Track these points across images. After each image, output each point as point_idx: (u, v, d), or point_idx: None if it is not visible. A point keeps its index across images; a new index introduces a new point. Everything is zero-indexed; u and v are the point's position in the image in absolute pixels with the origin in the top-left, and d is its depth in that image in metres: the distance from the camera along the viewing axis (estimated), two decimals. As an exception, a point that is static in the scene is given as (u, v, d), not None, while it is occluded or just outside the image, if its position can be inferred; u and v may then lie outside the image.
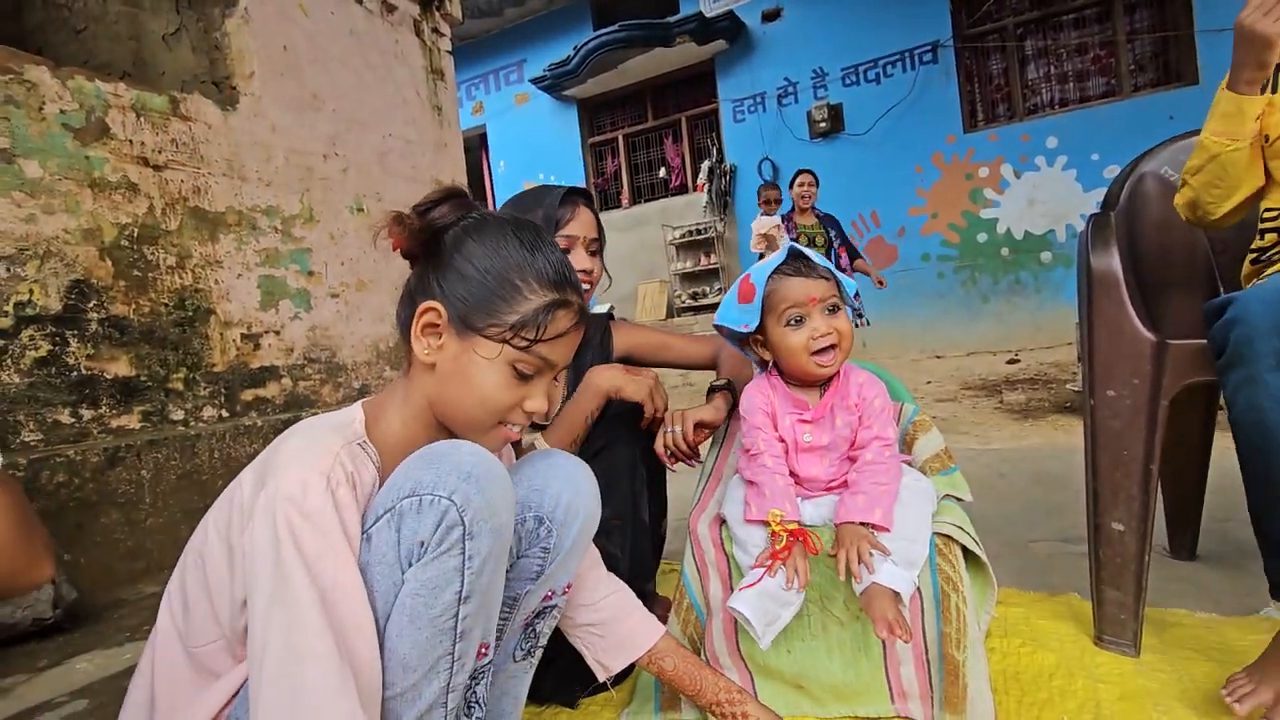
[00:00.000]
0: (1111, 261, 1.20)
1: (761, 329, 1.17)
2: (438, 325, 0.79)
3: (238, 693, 0.71)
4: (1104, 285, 1.20)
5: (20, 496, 0.74)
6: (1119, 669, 1.17)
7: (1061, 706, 1.08)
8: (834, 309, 1.14)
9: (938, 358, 7.05)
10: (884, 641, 1.09)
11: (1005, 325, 6.91)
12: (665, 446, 1.26)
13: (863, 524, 1.04)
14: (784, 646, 1.12)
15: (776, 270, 1.15)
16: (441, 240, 0.81)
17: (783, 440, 1.18)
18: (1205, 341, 1.10)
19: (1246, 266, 1.28)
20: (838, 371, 1.17)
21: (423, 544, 0.68)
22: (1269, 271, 1.20)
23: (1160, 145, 1.55)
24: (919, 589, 1.06)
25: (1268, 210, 1.22)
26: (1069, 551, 1.72)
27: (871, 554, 0.99)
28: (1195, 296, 1.41)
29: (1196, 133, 1.28)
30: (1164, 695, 1.08)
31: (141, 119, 2.42)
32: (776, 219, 4.81)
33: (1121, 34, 6.52)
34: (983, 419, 3.88)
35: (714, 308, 8.06)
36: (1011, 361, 6.07)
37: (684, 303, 8.51)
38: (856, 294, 1.21)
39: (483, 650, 0.77)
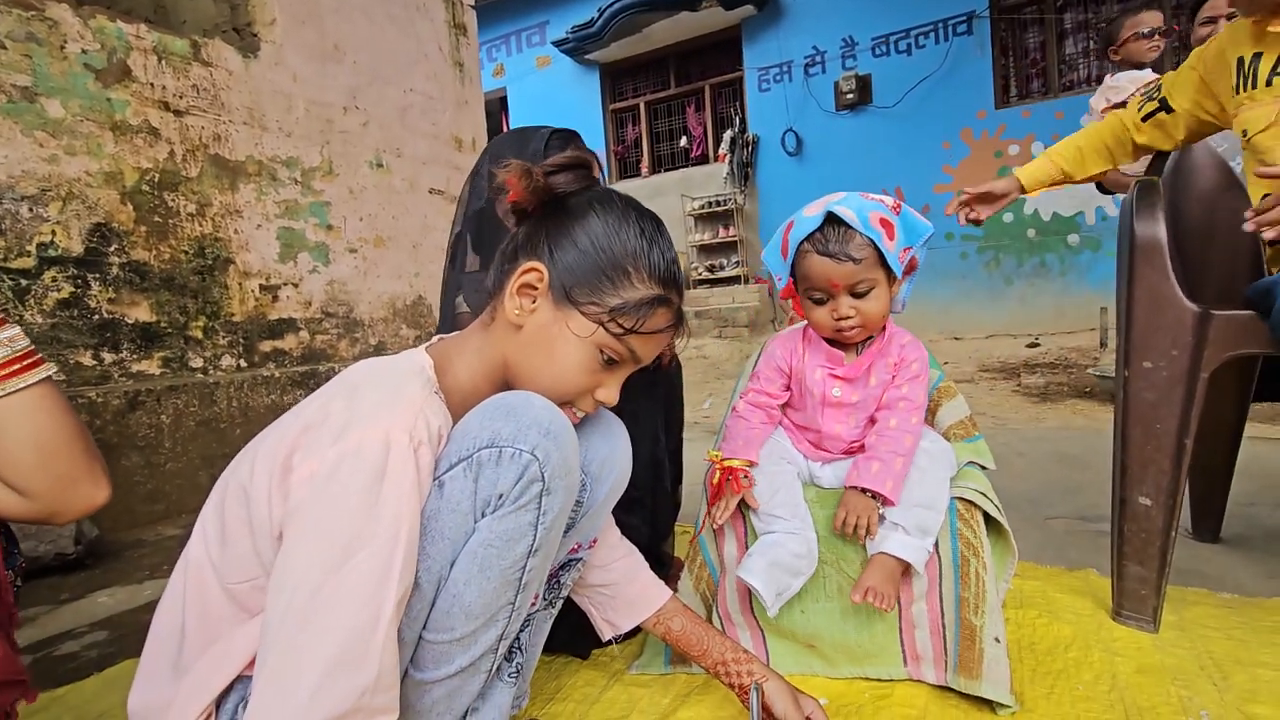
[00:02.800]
0: (1157, 228, 1.16)
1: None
2: (536, 289, 0.76)
3: None
4: (1147, 252, 1.15)
5: (71, 409, 0.73)
6: (1136, 643, 1.15)
7: (1077, 677, 1.06)
8: (863, 292, 1.04)
9: (956, 339, 6.96)
10: (899, 605, 1.08)
11: (1027, 308, 6.79)
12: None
13: (872, 494, 1.03)
14: (798, 607, 1.11)
15: (809, 238, 1.05)
16: (563, 205, 0.79)
17: (788, 389, 1.16)
18: (1251, 313, 1.06)
19: (1268, 250, 1.23)
20: (882, 329, 1.12)
21: (501, 496, 0.67)
22: None
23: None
24: (938, 554, 1.04)
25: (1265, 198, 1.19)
26: (1087, 529, 1.70)
27: (875, 524, 0.99)
28: (1237, 272, 1.36)
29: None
30: (1182, 670, 1.07)
31: (163, 62, 2.40)
32: (1148, 73, 2.73)
33: (1167, 8, 6.27)
34: (1000, 401, 3.83)
35: (731, 281, 7.95)
36: (1032, 345, 5.97)
37: (700, 275, 8.44)
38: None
39: (534, 600, 0.77)
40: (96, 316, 2.18)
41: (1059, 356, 5.29)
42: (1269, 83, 1.13)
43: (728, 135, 8.15)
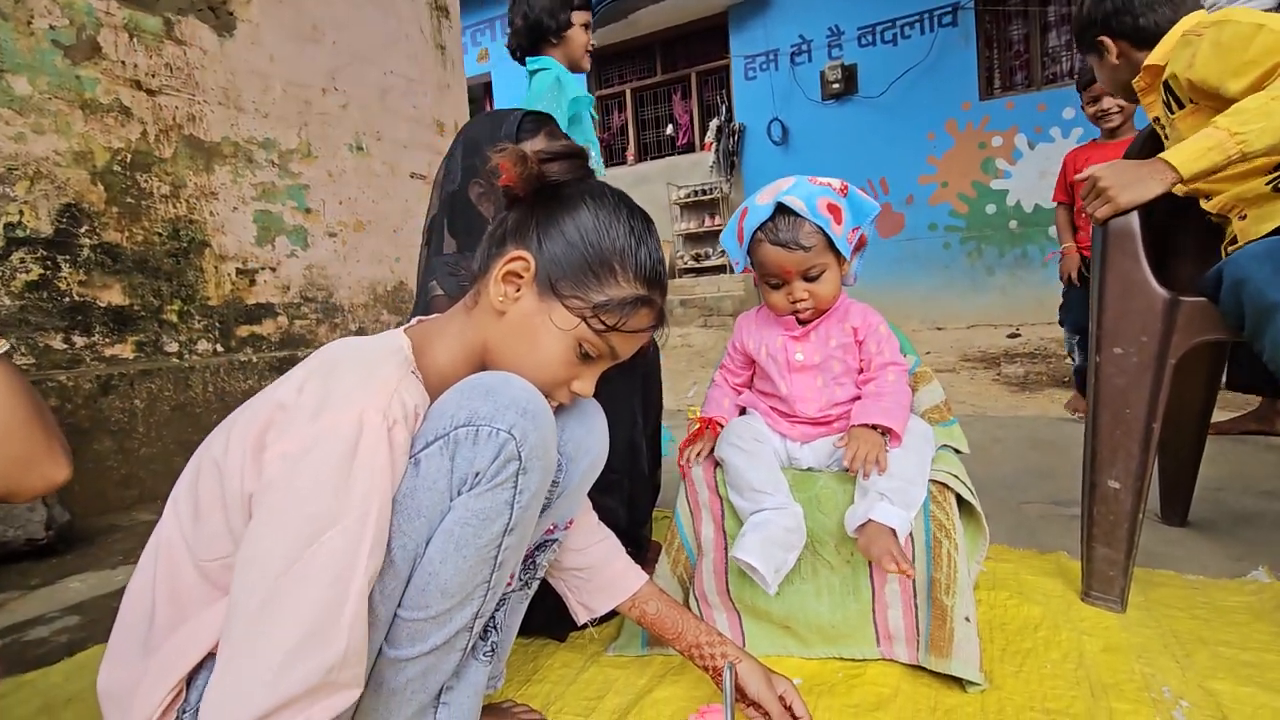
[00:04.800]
0: (1129, 215, 1.17)
1: None
2: (521, 277, 0.76)
3: None
4: (1119, 239, 1.17)
5: (31, 387, 0.71)
6: (1104, 623, 1.18)
7: (1045, 656, 1.08)
8: (814, 276, 1.12)
9: (938, 329, 7.03)
10: (873, 586, 1.09)
11: (1008, 299, 6.86)
12: None
13: (881, 431, 1.07)
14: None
15: (760, 228, 1.12)
16: (555, 194, 0.79)
17: (749, 366, 1.24)
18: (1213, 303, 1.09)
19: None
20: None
21: (477, 474, 0.67)
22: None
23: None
24: (911, 535, 1.05)
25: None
26: (1060, 514, 1.73)
27: (884, 458, 1.02)
28: (1207, 260, 1.38)
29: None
30: (1148, 648, 1.09)
31: (135, 40, 2.34)
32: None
33: None
34: (980, 390, 3.88)
35: (717, 270, 7.95)
36: (1012, 335, 6.05)
37: (686, 264, 8.43)
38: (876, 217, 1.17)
39: (509, 580, 0.77)
40: (67, 299, 2.14)
41: (1039, 346, 5.36)
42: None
43: (714, 124, 8.14)
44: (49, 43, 2.12)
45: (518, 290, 0.77)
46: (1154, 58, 1.25)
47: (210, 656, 0.66)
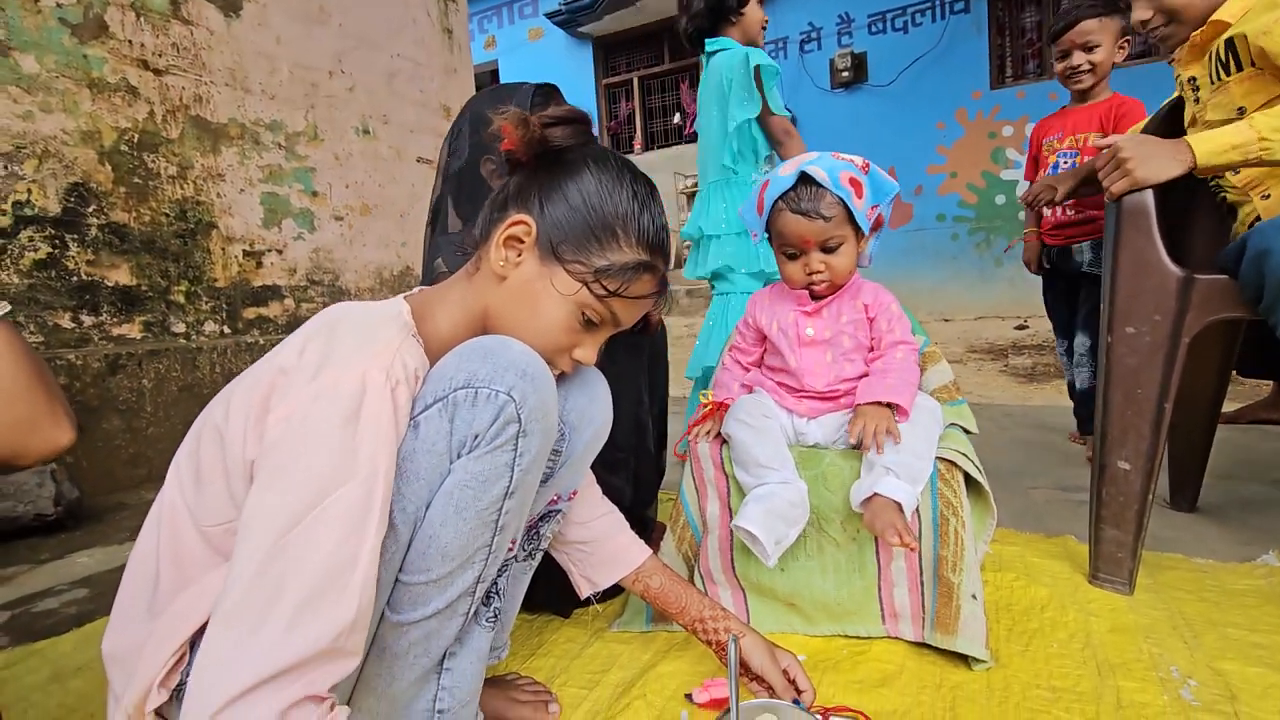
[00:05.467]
0: (1144, 194, 1.15)
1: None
2: (523, 241, 0.76)
3: None
4: (1133, 216, 1.15)
5: (31, 350, 0.71)
6: (1111, 604, 1.17)
7: (1052, 636, 1.08)
8: (833, 248, 1.12)
9: (946, 320, 6.99)
10: (879, 563, 1.08)
11: (1017, 290, 6.80)
12: None
13: (888, 407, 1.06)
14: (778, 565, 1.12)
15: (782, 197, 1.13)
16: (558, 159, 0.78)
17: (760, 344, 1.24)
18: (1232, 278, 1.07)
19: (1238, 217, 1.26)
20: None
21: (477, 436, 0.66)
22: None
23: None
24: (918, 511, 1.05)
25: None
26: (1067, 499, 1.72)
27: (896, 430, 1.02)
28: (1222, 240, 1.37)
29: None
30: (1156, 629, 1.09)
31: (142, 19, 2.34)
32: None
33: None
34: (987, 381, 3.86)
35: (723, 259, 7.87)
36: (1020, 327, 6.01)
37: (692, 254, 8.40)
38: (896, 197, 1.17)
39: (511, 545, 0.77)
40: (75, 278, 2.14)
41: (1046, 338, 5.32)
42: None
43: (722, 112, 8.07)
44: (56, 20, 2.11)
45: (519, 255, 0.76)
46: (1223, 13, 1.18)
47: None
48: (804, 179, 1.11)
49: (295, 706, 0.55)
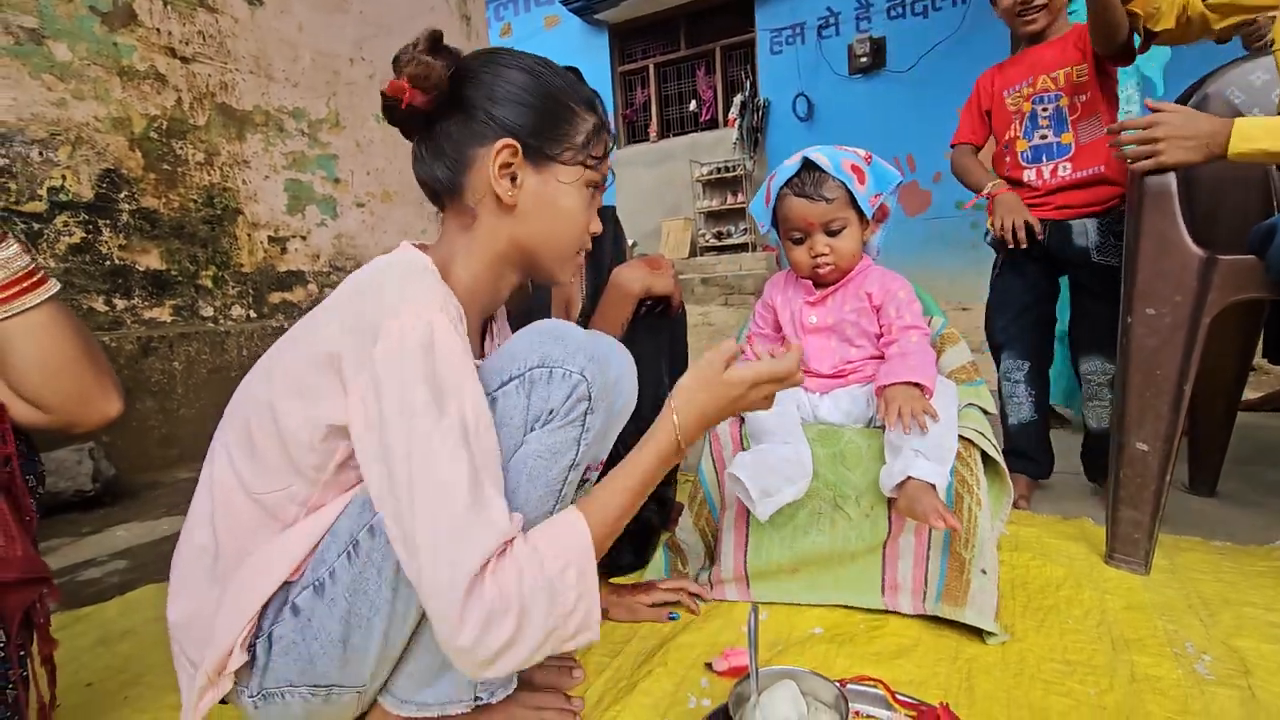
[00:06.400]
0: (1166, 175, 1.15)
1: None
2: (513, 163, 0.75)
3: (319, 543, 0.71)
4: (1155, 198, 1.15)
5: (81, 325, 0.75)
6: (1127, 584, 1.18)
7: (1067, 613, 1.09)
8: (836, 230, 1.15)
9: (964, 309, 6.92)
10: (888, 538, 1.10)
11: (1036, 279, 6.73)
12: None
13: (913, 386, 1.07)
14: (790, 538, 1.14)
15: (787, 183, 1.17)
16: (472, 78, 0.76)
17: (778, 330, 1.27)
18: (1254, 258, 1.07)
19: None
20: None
21: (551, 411, 0.72)
22: None
23: (1227, 65, 1.47)
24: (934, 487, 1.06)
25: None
26: (1084, 483, 1.72)
27: (931, 408, 1.03)
28: (1248, 223, 1.36)
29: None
30: (1171, 607, 1.10)
31: (169, 7, 2.38)
32: None
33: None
34: (1005, 366, 3.83)
35: (738, 248, 7.85)
36: (1039, 315, 5.93)
37: (707, 242, 8.39)
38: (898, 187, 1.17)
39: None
40: (108, 262, 2.20)
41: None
42: None
43: (738, 99, 8.02)
44: (87, 9, 2.16)
45: (517, 178, 0.76)
46: None
47: (284, 585, 0.70)
48: (807, 165, 1.16)
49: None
